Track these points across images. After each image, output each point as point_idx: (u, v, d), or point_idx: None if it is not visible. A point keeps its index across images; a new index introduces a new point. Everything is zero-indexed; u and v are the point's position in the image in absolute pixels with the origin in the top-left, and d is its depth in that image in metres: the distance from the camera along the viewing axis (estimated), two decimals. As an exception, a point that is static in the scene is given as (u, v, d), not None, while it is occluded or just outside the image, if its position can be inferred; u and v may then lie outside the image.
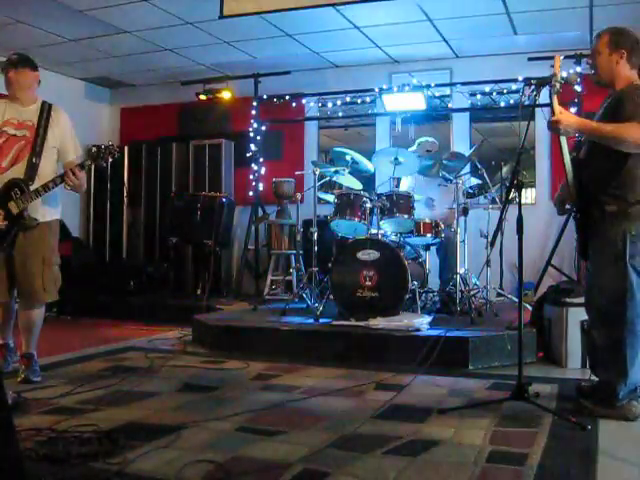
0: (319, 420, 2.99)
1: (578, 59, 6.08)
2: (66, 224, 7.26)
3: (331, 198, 5.49)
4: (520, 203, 3.09)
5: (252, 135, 7.55)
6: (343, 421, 2.97)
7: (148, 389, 3.58)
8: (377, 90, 7.06)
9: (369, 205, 5.13)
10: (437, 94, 7.11)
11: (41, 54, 7.14)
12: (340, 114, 7.62)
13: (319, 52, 7.24)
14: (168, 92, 8.43)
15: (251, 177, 7.55)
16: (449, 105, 7.24)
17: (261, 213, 7.31)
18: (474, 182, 5.79)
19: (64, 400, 3.31)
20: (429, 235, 5.25)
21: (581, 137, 3.36)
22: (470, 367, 4.17)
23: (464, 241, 5.41)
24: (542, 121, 6.60)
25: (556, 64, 3.05)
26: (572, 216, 3.24)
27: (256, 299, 6.22)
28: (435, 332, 4.34)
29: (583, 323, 4.08)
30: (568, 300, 4.22)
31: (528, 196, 6.91)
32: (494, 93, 6.87)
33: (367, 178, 6.24)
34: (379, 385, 3.70)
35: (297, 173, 6.71)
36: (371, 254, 4.85)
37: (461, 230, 5.33)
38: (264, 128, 7.59)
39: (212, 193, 7.40)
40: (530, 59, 6.45)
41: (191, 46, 7.02)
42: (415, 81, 6.89)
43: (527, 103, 4.74)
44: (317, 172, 5.41)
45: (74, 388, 3.53)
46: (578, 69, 6.04)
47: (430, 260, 5.67)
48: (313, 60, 7.46)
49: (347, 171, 5.53)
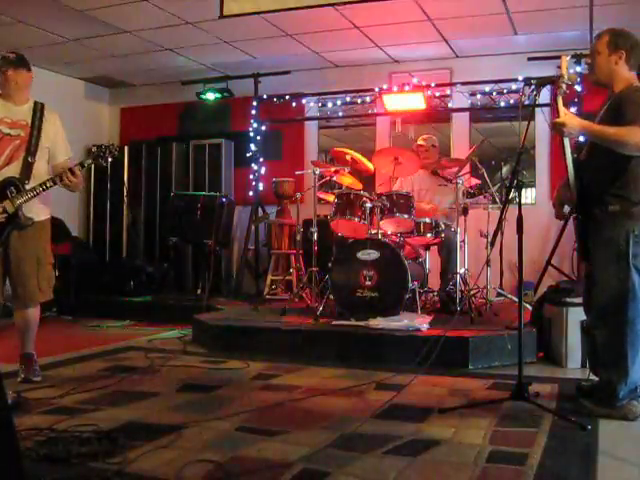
0: (319, 420, 2.99)
1: (578, 59, 6.08)
2: (66, 224, 7.27)
3: (331, 198, 5.49)
4: (520, 203, 3.09)
5: (252, 135, 7.55)
6: (343, 421, 2.97)
7: (148, 389, 3.58)
8: (377, 90, 7.06)
9: (369, 205, 5.13)
10: (437, 94, 7.11)
11: (41, 54, 7.16)
12: (340, 114, 7.62)
13: (319, 52, 7.24)
14: (168, 92, 8.43)
15: (251, 177, 7.55)
16: (449, 105, 7.24)
17: (261, 213, 7.31)
18: (474, 182, 5.80)
19: (64, 400, 3.31)
20: (429, 235, 5.25)
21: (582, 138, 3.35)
22: (470, 367, 4.18)
23: (464, 241, 5.41)
24: (542, 121, 6.67)
25: (563, 65, 3.04)
26: (572, 217, 3.23)
27: (256, 299, 6.22)
28: (435, 332, 4.34)
29: (583, 323, 4.07)
30: (568, 300, 4.22)
31: (528, 196, 6.91)
32: (494, 93, 6.86)
33: (367, 178, 6.25)
34: (379, 385, 3.70)
35: (297, 173, 6.71)
36: (371, 254, 4.85)
37: (461, 230, 5.33)
38: (264, 128, 7.59)
39: (212, 193, 7.40)
40: (530, 59, 6.46)
41: (191, 46, 7.02)
42: (415, 81, 6.89)
43: (527, 103, 4.75)
44: (317, 172, 5.41)
45: (74, 388, 3.53)
46: (578, 69, 6.04)
47: (430, 260, 5.67)
48: (313, 60, 7.46)
49: (347, 171, 5.53)
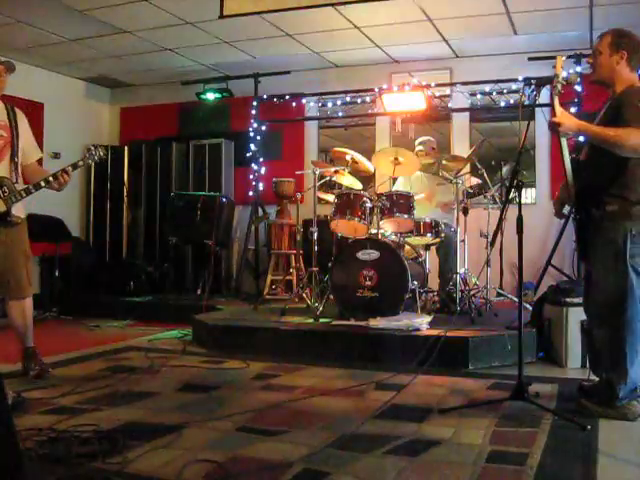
0: (319, 420, 2.99)
1: (578, 59, 6.08)
2: (66, 224, 7.27)
3: (331, 198, 5.49)
4: (520, 203, 3.09)
5: (252, 135, 7.55)
6: (343, 421, 2.97)
7: (148, 389, 3.58)
8: (377, 90, 7.06)
9: (369, 205, 5.13)
10: (437, 94, 7.10)
11: (41, 54, 7.17)
12: (340, 114, 7.62)
13: (319, 52, 7.23)
14: (168, 92, 8.43)
15: (251, 177, 7.56)
16: (449, 105, 7.24)
17: (261, 213, 7.31)
18: (474, 182, 5.79)
19: (64, 400, 3.31)
20: (429, 235, 5.25)
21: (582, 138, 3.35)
22: (470, 367, 4.18)
23: (464, 241, 5.41)
24: (542, 121, 6.65)
25: (558, 64, 3.05)
26: (572, 217, 3.23)
27: (256, 299, 6.22)
28: (435, 332, 4.34)
29: (583, 323, 4.08)
30: (568, 300, 4.22)
31: (528, 196, 6.91)
32: (494, 93, 6.87)
33: (367, 178, 6.24)
34: (379, 385, 3.70)
35: (297, 173, 6.71)
36: (371, 254, 4.85)
37: (461, 230, 5.33)
38: (264, 128, 7.59)
39: (212, 193, 7.40)
40: (530, 59, 6.46)
41: (191, 46, 7.02)
42: (415, 81, 6.89)
43: (527, 103, 4.75)
44: (317, 172, 5.41)
45: (74, 388, 3.53)
46: (578, 69, 6.05)
47: (430, 260, 5.67)
48: (313, 60, 7.46)
49: (347, 171, 5.53)
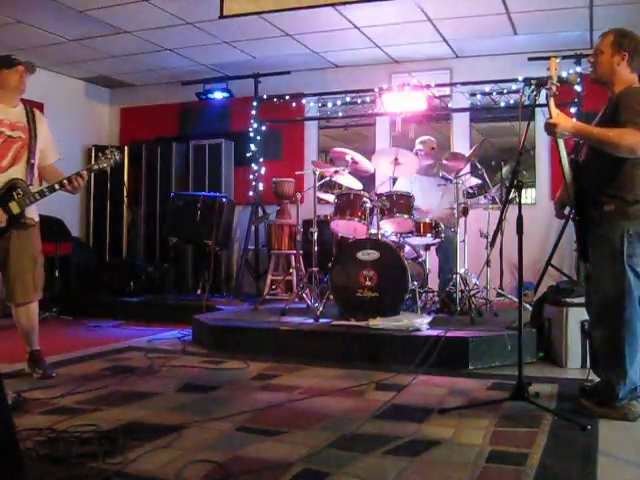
0: (319, 420, 2.99)
1: (578, 59, 6.08)
2: (66, 224, 7.27)
3: (331, 198, 5.49)
4: (520, 203, 3.09)
5: (252, 135, 7.56)
6: (343, 421, 2.97)
7: (148, 389, 3.58)
8: (377, 90, 7.06)
9: (369, 205, 5.13)
10: (437, 94, 7.11)
11: (41, 54, 7.16)
12: (340, 114, 7.62)
13: (319, 52, 7.24)
14: (168, 92, 8.43)
15: (251, 177, 7.56)
16: (449, 105, 7.24)
17: (261, 213, 7.31)
18: (474, 182, 5.79)
19: (64, 400, 3.31)
20: (429, 235, 5.25)
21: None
22: (470, 367, 4.18)
23: (464, 241, 5.41)
24: (542, 121, 6.63)
25: (552, 66, 3.05)
26: (571, 218, 3.23)
27: (256, 299, 6.22)
28: (435, 332, 4.34)
29: (583, 323, 4.08)
30: (568, 300, 4.22)
31: (528, 196, 6.91)
32: (494, 93, 6.87)
33: (367, 178, 6.24)
34: (379, 385, 3.70)
35: (297, 173, 6.71)
36: (371, 254, 4.85)
37: (461, 230, 5.33)
38: (264, 128, 7.60)
39: (212, 193, 7.40)
40: (530, 59, 6.46)
41: (191, 46, 7.02)
42: (415, 81, 6.89)
43: (527, 103, 4.75)
44: (317, 172, 5.41)
45: (74, 388, 3.53)
46: (578, 69, 6.05)
47: (430, 260, 5.67)
48: (313, 60, 7.46)
49: (347, 171, 5.53)
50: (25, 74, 3.81)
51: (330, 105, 7.60)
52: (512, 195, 3.48)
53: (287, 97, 7.45)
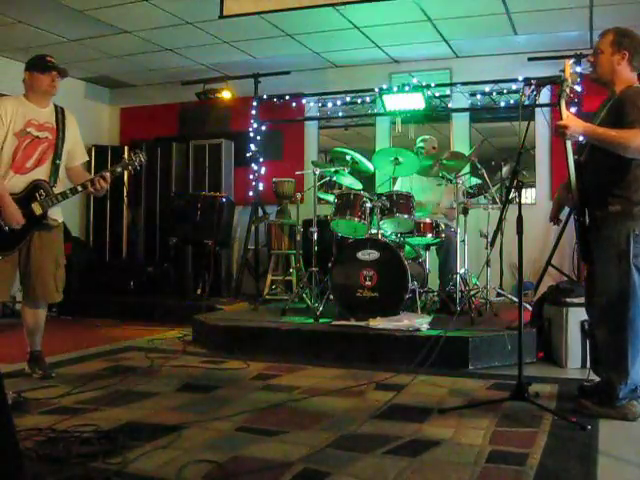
0: (319, 420, 2.99)
1: (578, 59, 6.08)
2: (66, 224, 7.25)
3: (331, 198, 5.49)
4: (520, 203, 3.09)
5: (252, 135, 7.56)
6: (343, 421, 2.97)
7: (148, 389, 3.58)
8: (377, 90, 7.06)
9: (369, 205, 5.13)
10: (437, 94, 7.11)
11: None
12: (340, 114, 7.62)
13: (319, 52, 7.23)
14: (168, 92, 8.43)
15: (251, 177, 7.56)
16: (449, 105, 7.24)
17: (261, 213, 7.31)
18: (474, 182, 5.79)
19: (64, 400, 3.31)
20: (429, 235, 5.25)
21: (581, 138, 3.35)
22: (470, 367, 4.18)
23: (464, 241, 5.41)
24: (542, 121, 6.68)
25: (566, 69, 3.05)
26: (574, 219, 3.23)
27: (256, 299, 6.22)
28: (435, 332, 4.34)
29: (583, 323, 4.09)
30: (568, 300, 4.22)
31: (528, 196, 6.91)
32: (494, 93, 6.87)
33: (367, 178, 6.24)
34: (379, 385, 3.70)
35: (297, 173, 6.70)
36: (371, 254, 4.85)
37: (461, 230, 5.33)
38: (264, 128, 7.60)
39: (212, 193, 7.40)
40: (530, 59, 6.46)
41: (191, 46, 7.02)
42: (415, 81, 6.89)
43: (527, 103, 4.75)
44: (317, 172, 5.41)
45: (74, 388, 3.53)
46: (578, 69, 6.05)
47: (430, 260, 5.67)
48: (313, 60, 7.46)
49: (347, 171, 5.53)
50: (57, 78, 3.82)
51: (330, 105, 7.59)
52: (512, 195, 3.49)
53: (287, 97, 7.46)
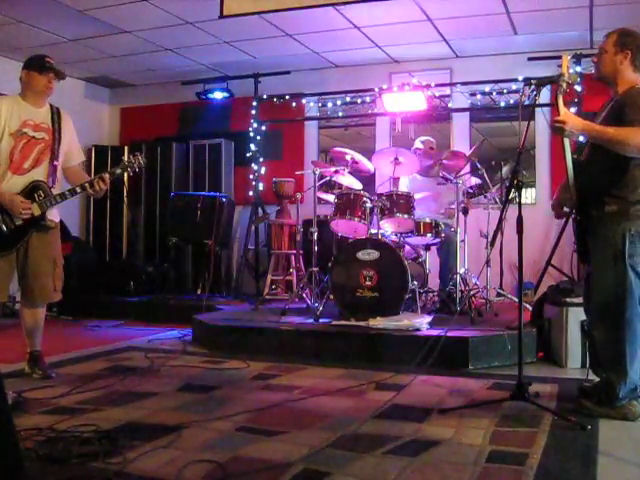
0: (319, 420, 2.99)
1: (578, 59, 6.08)
2: (66, 224, 7.26)
3: (331, 198, 5.49)
4: (520, 203, 3.09)
5: (252, 135, 7.56)
6: (343, 421, 2.97)
7: (148, 389, 3.58)
8: (377, 90, 7.06)
9: (369, 205, 5.13)
10: (437, 94, 7.11)
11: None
12: (340, 114, 7.62)
13: (319, 52, 7.23)
14: (168, 92, 8.43)
15: (251, 177, 7.56)
16: (449, 105, 7.24)
17: (261, 213, 7.31)
18: (474, 182, 5.79)
19: (64, 400, 3.31)
20: (429, 235, 5.25)
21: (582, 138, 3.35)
22: (470, 367, 4.18)
23: (464, 241, 5.41)
24: (542, 121, 6.67)
25: (564, 63, 3.05)
26: (572, 218, 3.23)
27: (256, 299, 6.22)
28: (435, 332, 4.34)
29: (583, 323, 4.08)
30: (568, 300, 4.22)
31: (528, 196, 6.91)
32: (494, 93, 6.87)
33: (367, 178, 6.24)
34: (379, 385, 3.70)
35: (297, 173, 6.71)
36: (371, 254, 4.85)
37: (461, 230, 5.33)
38: (264, 128, 7.60)
39: (212, 193, 7.40)
40: (530, 59, 6.46)
41: (191, 46, 7.02)
42: (415, 81, 6.89)
43: (527, 103, 4.74)
44: (317, 172, 5.41)
45: (74, 388, 3.53)
46: (578, 69, 6.05)
47: (430, 260, 5.67)
48: (313, 60, 7.46)
49: (347, 171, 5.53)
50: (54, 80, 3.81)
51: (330, 105, 7.60)
52: (512, 195, 3.48)
53: (287, 97, 7.46)
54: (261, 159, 7.56)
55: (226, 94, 7.71)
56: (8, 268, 3.72)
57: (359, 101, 7.49)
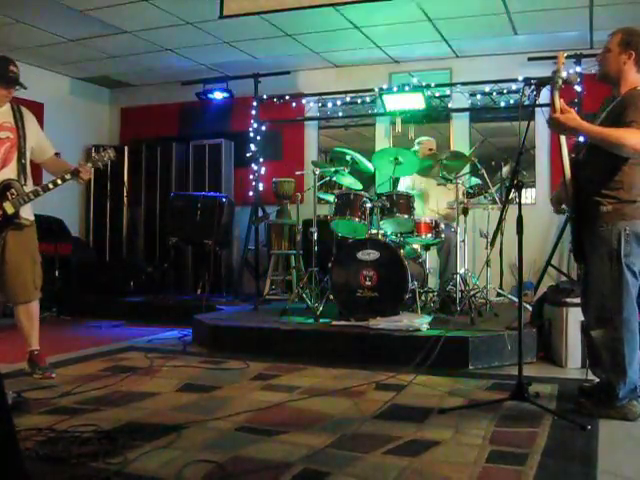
0: (319, 420, 2.99)
1: (578, 59, 6.08)
2: (66, 224, 7.27)
3: (331, 198, 5.49)
4: (520, 203, 3.09)
5: (252, 135, 7.56)
6: (343, 421, 2.97)
7: (148, 389, 3.58)
8: (377, 90, 7.06)
9: (369, 205, 5.13)
10: (437, 94, 7.11)
11: (41, 54, 7.17)
12: (340, 114, 7.62)
13: (319, 52, 7.24)
14: (168, 92, 8.43)
15: (251, 177, 7.56)
16: (449, 105, 7.24)
17: (261, 213, 7.31)
18: (474, 182, 5.79)
19: (64, 400, 3.31)
20: (429, 235, 5.25)
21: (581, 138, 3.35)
22: (470, 367, 4.18)
23: (464, 241, 5.41)
24: (542, 121, 6.64)
25: (559, 60, 3.05)
26: (569, 217, 3.23)
27: (256, 299, 6.22)
28: (435, 332, 4.34)
29: (583, 323, 4.07)
30: (568, 300, 4.22)
31: (528, 196, 6.91)
32: (494, 93, 6.88)
33: (367, 178, 6.24)
34: (379, 385, 3.70)
35: (297, 173, 6.71)
36: (371, 254, 4.85)
37: (461, 230, 5.33)
38: (264, 128, 7.60)
39: (212, 193, 7.40)
40: (530, 59, 6.46)
41: (191, 46, 7.02)
42: (415, 81, 6.89)
43: (527, 103, 4.75)
44: (317, 172, 5.41)
45: (74, 388, 3.53)
46: (578, 69, 6.05)
47: (430, 260, 5.67)
48: (313, 60, 7.46)
49: (347, 171, 5.52)
50: (13, 91, 3.77)
51: (330, 105, 7.60)
52: (512, 195, 3.48)
53: (287, 97, 7.46)
54: (261, 159, 7.56)
55: (226, 94, 7.71)
56: None
57: (359, 101, 7.49)
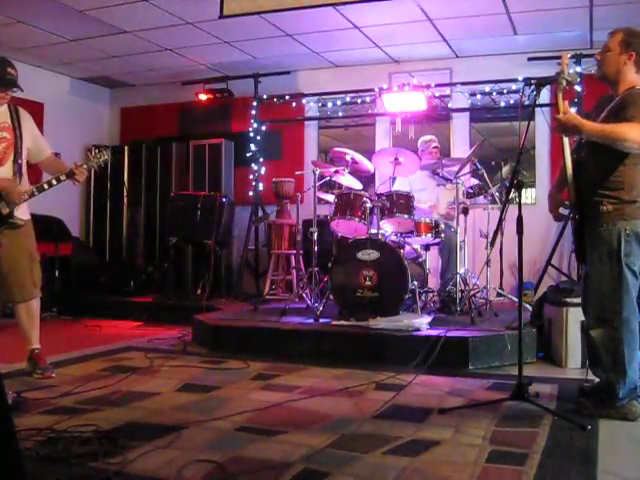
0: (319, 420, 2.99)
1: (578, 59, 6.08)
2: (66, 224, 7.27)
3: (331, 198, 5.49)
4: (520, 203, 3.09)
5: (252, 135, 7.56)
6: (343, 421, 2.97)
7: (148, 389, 3.58)
8: (377, 90, 7.06)
9: (369, 205, 5.13)
10: (437, 94, 7.11)
11: (41, 54, 7.17)
12: (340, 114, 7.62)
13: (319, 52, 7.23)
14: (168, 92, 8.43)
15: (251, 177, 7.57)
16: (449, 105, 7.24)
17: (261, 213, 7.31)
18: (474, 182, 5.79)
19: (64, 400, 3.31)
20: (429, 235, 5.25)
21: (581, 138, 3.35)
22: (470, 367, 4.18)
23: (464, 241, 5.41)
24: (542, 121, 6.67)
25: (563, 61, 3.05)
26: (570, 217, 3.23)
27: (256, 299, 6.22)
28: (435, 332, 4.34)
29: (583, 323, 4.07)
30: (568, 300, 4.22)
31: (528, 196, 6.91)
32: (494, 93, 6.87)
33: (367, 178, 6.24)
34: (379, 385, 3.70)
35: (297, 173, 6.71)
36: (371, 254, 4.85)
37: (461, 230, 5.33)
38: (264, 128, 7.60)
39: (212, 193, 7.40)
40: (530, 59, 6.46)
41: (191, 46, 7.02)
42: (415, 81, 6.89)
43: (527, 103, 4.75)
44: (317, 172, 5.41)
45: (74, 388, 3.53)
46: (578, 69, 6.05)
47: (430, 260, 5.67)
48: (313, 60, 7.46)
49: (347, 171, 5.53)
50: (11, 93, 3.78)
51: (330, 105, 7.60)
52: (512, 195, 3.48)
53: (287, 97, 7.46)
54: (261, 159, 7.56)
55: (226, 94, 7.71)
56: None
57: (359, 101, 7.49)
